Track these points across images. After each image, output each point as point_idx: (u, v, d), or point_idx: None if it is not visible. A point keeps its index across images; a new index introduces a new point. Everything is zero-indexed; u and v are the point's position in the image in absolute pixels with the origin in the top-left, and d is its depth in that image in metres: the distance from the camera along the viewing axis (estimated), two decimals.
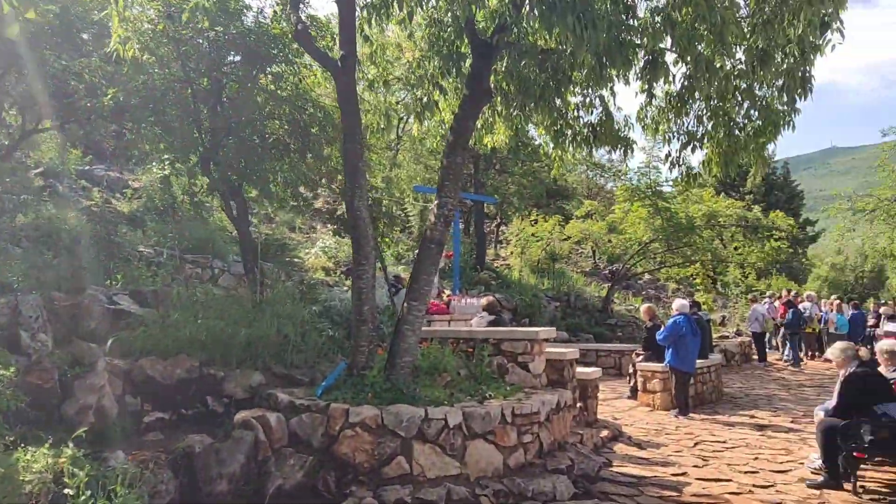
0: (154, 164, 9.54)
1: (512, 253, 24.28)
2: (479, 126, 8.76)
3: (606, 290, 21.36)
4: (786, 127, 7.73)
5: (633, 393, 12.70)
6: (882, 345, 7.79)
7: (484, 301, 10.66)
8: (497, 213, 31.28)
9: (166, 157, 8.68)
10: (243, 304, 8.04)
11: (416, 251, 7.85)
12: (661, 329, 12.29)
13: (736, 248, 21.32)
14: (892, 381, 7.32)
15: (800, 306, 20.47)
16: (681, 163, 8.23)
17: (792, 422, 11.04)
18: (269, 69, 8.77)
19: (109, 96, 8.61)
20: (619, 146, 8.38)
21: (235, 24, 8.01)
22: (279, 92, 8.73)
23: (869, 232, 16.70)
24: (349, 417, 6.23)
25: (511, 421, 6.53)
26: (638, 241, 20.40)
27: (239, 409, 6.96)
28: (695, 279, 22.16)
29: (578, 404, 9.15)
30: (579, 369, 9.76)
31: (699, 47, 5.32)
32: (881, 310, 21.64)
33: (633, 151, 8.40)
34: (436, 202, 6.85)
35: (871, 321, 22.91)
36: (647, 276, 30.59)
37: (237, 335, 7.20)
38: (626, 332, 18.55)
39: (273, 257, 13.52)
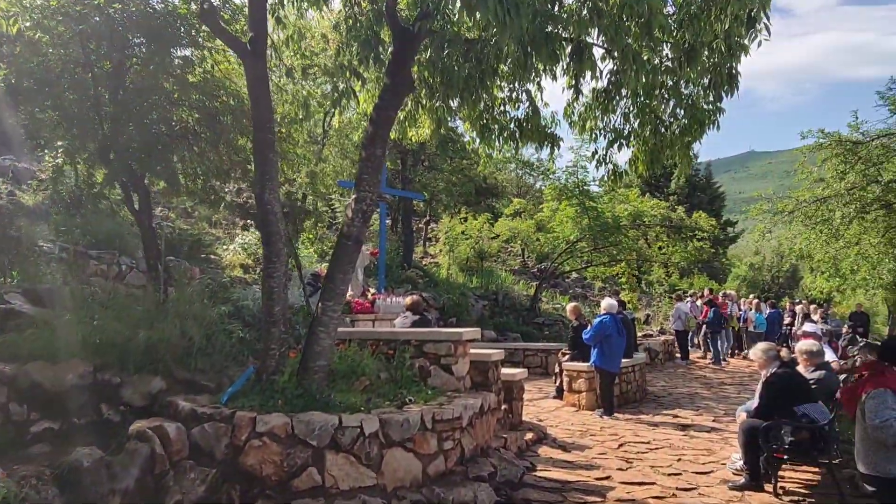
0: (47, 152, 8.80)
1: (441, 251, 24.03)
2: (402, 118, 8.41)
3: (534, 289, 21.33)
4: (711, 126, 7.67)
5: (559, 393, 12.58)
6: (801, 345, 7.82)
7: (408, 300, 10.31)
8: (426, 211, 31.02)
9: (60, 144, 7.99)
10: (146, 304, 7.46)
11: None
12: (588, 328, 12.23)
13: (660, 248, 21.63)
14: (811, 382, 7.34)
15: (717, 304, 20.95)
16: (607, 161, 8.08)
17: (714, 421, 11.10)
18: (176, 53, 8.19)
19: (0, 77, 7.88)
20: (546, 143, 8.17)
21: (136, 2, 7.40)
22: (188, 77, 8.15)
23: (787, 233, 17.14)
24: (256, 426, 5.78)
25: (431, 427, 6.20)
26: (565, 239, 20.45)
27: (137, 417, 6.41)
28: (620, 278, 22.39)
29: (503, 406, 8.91)
30: (505, 370, 9.53)
31: (627, 39, 5.11)
32: (797, 308, 22.36)
33: (559, 148, 8.21)
34: (354, 196, 6.46)
35: (787, 319, 23.67)
36: (574, 275, 30.88)
37: (136, 337, 6.64)
38: (552, 331, 18.53)
39: (187, 254, 12.84)
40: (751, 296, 25.81)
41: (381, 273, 15.88)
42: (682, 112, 7.50)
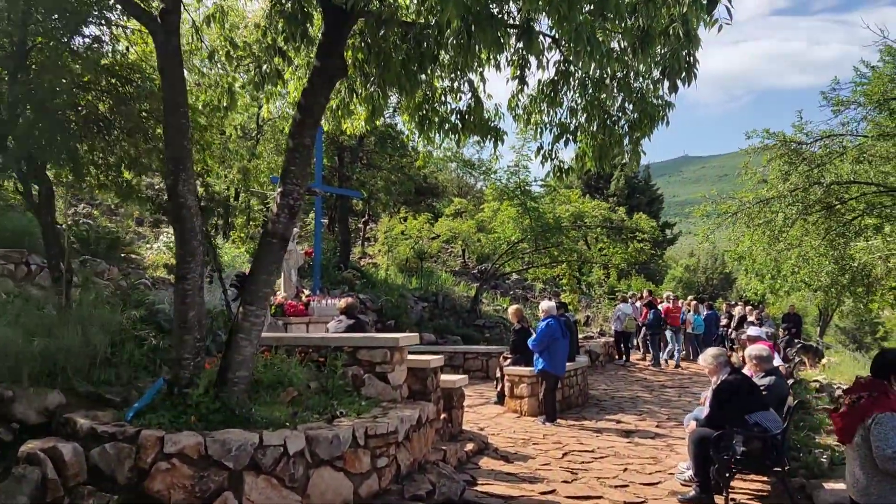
0: None
1: (379, 251, 23.42)
2: (335, 107, 7.82)
3: (475, 291, 20.93)
4: (660, 122, 7.34)
5: (501, 398, 12.17)
6: (751, 350, 7.56)
7: (342, 303, 9.72)
8: (365, 211, 30.34)
9: None
10: (47, 308, 6.68)
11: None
12: (530, 332, 11.89)
13: (601, 249, 21.52)
14: (762, 388, 7.08)
15: (659, 307, 20.95)
16: (553, 157, 7.67)
17: (657, 426, 10.87)
18: (86, 31, 7.43)
19: None
20: (490, 136, 7.70)
21: None
22: (97, 58, 7.38)
23: (731, 234, 17.14)
24: (164, 446, 5.12)
25: (364, 443, 5.65)
26: (506, 240, 20.11)
27: (32, 437, 5.66)
28: (561, 279, 22.18)
29: (442, 416, 8.42)
30: (444, 376, 9.05)
31: (580, 17, 4.67)
32: (735, 310, 22.56)
33: (503, 143, 7.75)
34: (279, 190, 5.85)
35: (723, 321, 23.93)
36: (515, 277, 30.68)
37: (31, 346, 5.88)
38: (493, 334, 18.14)
39: (105, 253, 11.93)
40: (689, 297, 26.05)
41: (317, 274, 15.20)
42: (632, 106, 7.14)
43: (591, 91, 6.86)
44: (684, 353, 20.40)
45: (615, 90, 6.97)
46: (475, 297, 20.09)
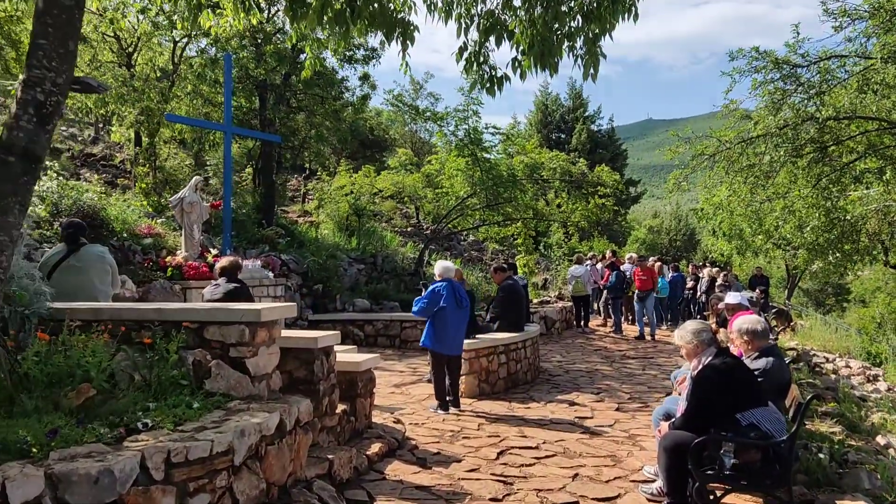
0: None
1: (318, 207, 21.22)
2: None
3: (420, 252, 18.91)
4: (627, 14, 5.34)
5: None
6: (741, 324, 5.69)
7: (224, 262, 7.63)
8: (306, 165, 28.02)
9: None
10: None
11: None
12: (471, 297, 10.01)
13: (559, 206, 19.59)
14: (756, 375, 5.23)
15: (621, 268, 19.24)
16: (481, 60, 5.62)
17: (617, 409, 9.09)
18: None
19: None
20: (395, 33, 5.61)
21: None
22: None
23: (706, 180, 15.23)
24: None
25: (165, 476, 3.63)
26: (455, 195, 18.07)
27: None
28: (516, 239, 20.25)
29: (341, 408, 6.46)
30: (346, 356, 7.10)
31: None
32: (704, 272, 20.95)
33: (413, 43, 5.67)
34: (22, 79, 3.69)
35: (689, 283, 22.33)
36: (472, 238, 28.75)
37: None
38: None
39: None
40: (651, 259, 24.40)
41: (227, 230, 13.03)
42: None
43: None
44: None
45: None
46: (419, 259, 18.06)
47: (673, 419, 5.19)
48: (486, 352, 9.99)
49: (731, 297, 8.24)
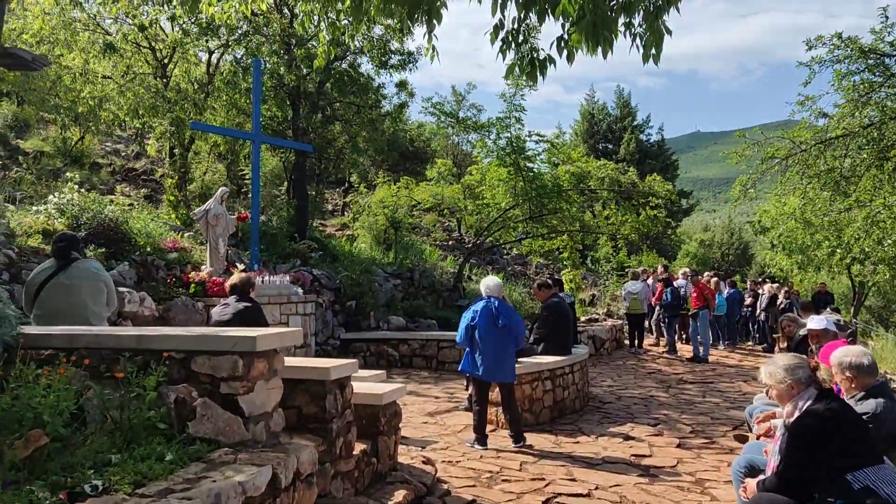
0: None
1: (354, 219, 20.52)
2: None
3: (459, 266, 18.00)
4: None
5: (472, 404, 9.33)
6: (842, 357, 4.64)
7: (234, 279, 6.87)
8: (347, 179, 27.46)
9: None
10: None
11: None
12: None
13: (607, 218, 18.49)
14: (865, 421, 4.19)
15: (675, 284, 18.07)
16: (521, 39, 4.73)
17: (679, 445, 8.03)
18: None
19: None
20: (419, 11, 4.76)
21: None
22: None
23: (777, 187, 13.93)
24: None
25: None
26: (496, 207, 17.14)
27: None
28: (561, 253, 19.20)
29: (361, 448, 5.59)
30: (367, 386, 6.22)
31: None
32: (765, 288, 19.59)
33: (439, 23, 4.82)
34: None
35: (747, 300, 20.93)
36: (515, 251, 27.78)
37: None
38: None
39: None
40: (706, 274, 23.04)
41: (254, 244, 12.35)
42: None
43: None
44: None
45: None
46: (458, 274, 17.15)
47: (761, 476, 4.17)
48: (530, 378, 9.04)
49: (816, 321, 7.08)
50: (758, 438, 5.85)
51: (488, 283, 8.14)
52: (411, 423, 8.70)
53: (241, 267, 12.11)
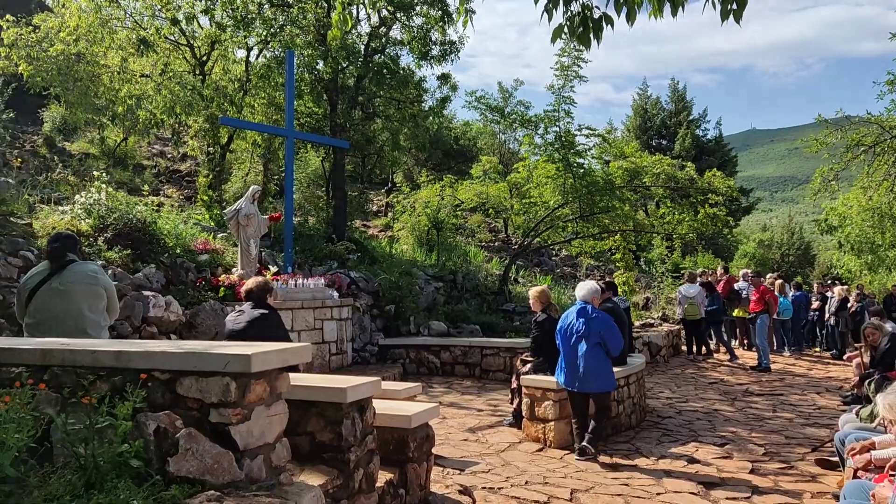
0: None
1: (396, 220, 19.86)
2: None
3: (506, 268, 17.14)
4: None
5: (517, 419, 8.55)
6: None
7: (250, 283, 6.17)
8: (391, 178, 26.86)
9: None
10: None
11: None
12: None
13: (663, 216, 17.41)
14: None
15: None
16: None
17: (752, 470, 7.07)
18: None
19: None
20: None
21: None
22: None
23: (862, 179, 12.75)
24: None
25: None
26: (545, 205, 16.25)
27: None
28: (614, 254, 18.18)
29: (386, 478, 4.86)
30: (394, 406, 5.49)
31: None
32: (835, 290, 18.23)
33: None
34: None
35: (815, 303, 19.56)
36: (564, 252, 26.80)
37: None
38: (525, 321, 14.37)
39: None
40: (769, 275, 21.68)
41: (288, 245, 11.76)
42: None
43: None
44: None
45: None
46: (504, 276, 16.31)
47: None
48: None
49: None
50: (855, 473, 4.93)
51: (582, 288, 7.78)
52: (450, 441, 7.95)
53: (274, 269, 11.55)
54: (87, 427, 3.33)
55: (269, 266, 11.64)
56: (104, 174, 11.36)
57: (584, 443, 7.25)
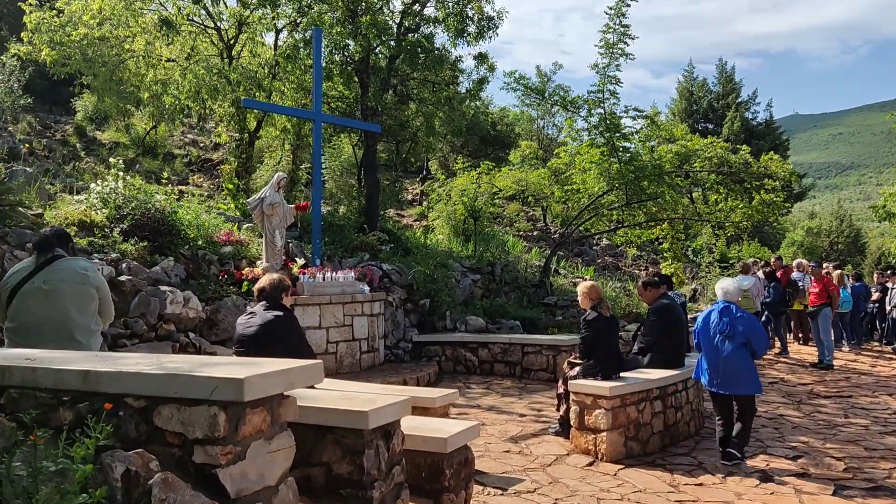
0: None
1: (431, 209, 19.10)
2: None
3: (546, 259, 16.26)
4: None
5: (564, 427, 7.73)
6: None
7: (263, 281, 5.44)
8: (423, 165, 26.07)
9: None
10: None
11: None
12: (614, 322, 7.65)
13: (715, 203, 16.34)
14: None
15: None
16: None
17: (835, 492, 6.16)
18: None
19: None
20: None
21: None
22: None
23: None
24: None
25: None
26: (588, 192, 15.32)
27: None
28: (661, 243, 17.17)
29: None
30: (427, 425, 4.73)
31: None
32: (893, 282, 17.03)
33: None
34: None
35: (874, 295, 18.32)
36: (605, 241, 25.76)
37: None
38: (569, 316, 13.49)
39: None
40: (825, 265, 20.44)
41: (316, 236, 11.08)
42: None
43: None
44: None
45: None
46: (545, 267, 15.43)
47: None
48: (635, 398, 7.35)
49: None
50: None
51: (725, 286, 7.48)
52: (490, 453, 7.18)
53: (301, 262, 10.88)
54: (30, 474, 2.61)
55: (297, 258, 10.98)
56: (120, 161, 10.77)
57: (730, 448, 6.78)
